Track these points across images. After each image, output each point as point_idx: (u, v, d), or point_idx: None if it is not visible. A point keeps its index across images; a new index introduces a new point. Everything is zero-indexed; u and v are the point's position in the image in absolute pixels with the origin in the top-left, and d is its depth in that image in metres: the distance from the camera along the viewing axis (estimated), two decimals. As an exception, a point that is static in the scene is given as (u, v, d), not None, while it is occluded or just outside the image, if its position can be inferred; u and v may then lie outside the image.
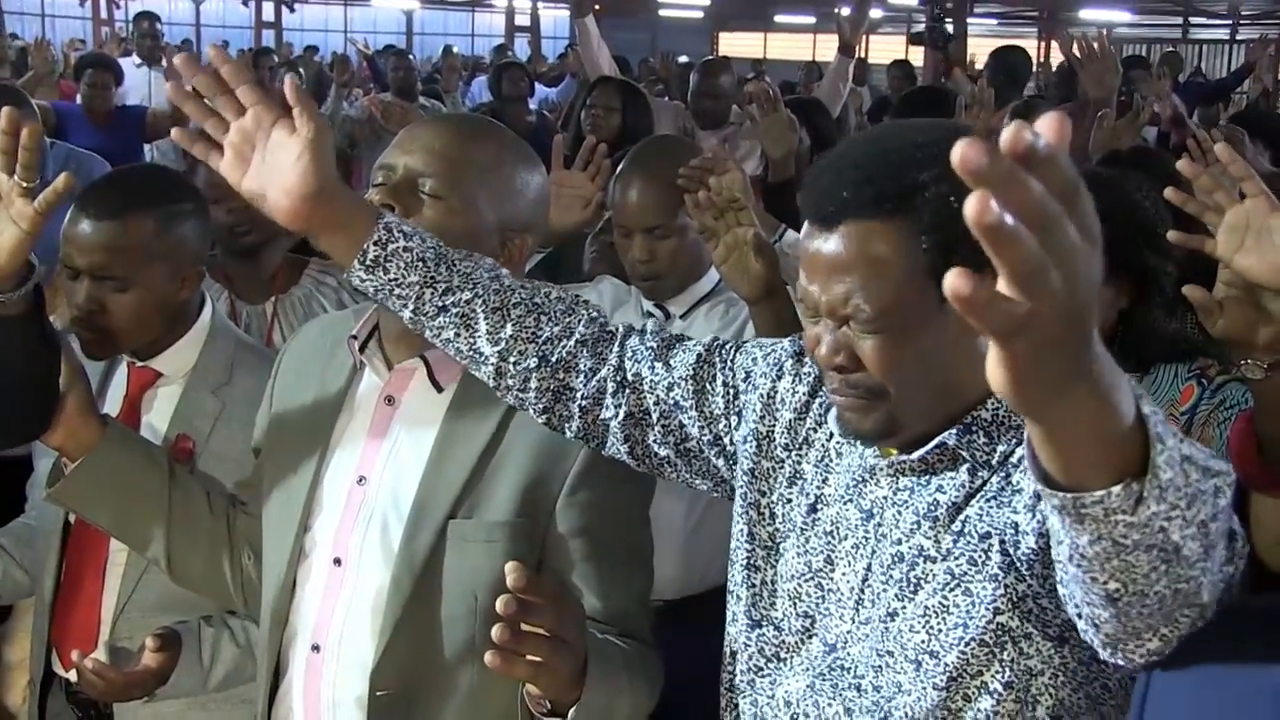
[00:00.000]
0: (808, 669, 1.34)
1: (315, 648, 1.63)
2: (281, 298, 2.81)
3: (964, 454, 1.25)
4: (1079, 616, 1.04)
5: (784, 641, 1.36)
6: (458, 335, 1.45)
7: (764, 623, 1.38)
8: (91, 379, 1.94)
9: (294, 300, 2.82)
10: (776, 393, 1.44)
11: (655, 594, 1.70)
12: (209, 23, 24.97)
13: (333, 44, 21.32)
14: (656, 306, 2.43)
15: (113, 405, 2.05)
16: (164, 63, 8.04)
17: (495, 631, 1.27)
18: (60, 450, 1.77)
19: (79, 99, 6.42)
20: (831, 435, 1.38)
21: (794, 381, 1.43)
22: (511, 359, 1.46)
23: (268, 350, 2.28)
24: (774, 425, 1.43)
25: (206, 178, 2.63)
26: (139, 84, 7.72)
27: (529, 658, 1.31)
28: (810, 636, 1.34)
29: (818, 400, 1.41)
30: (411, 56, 10.40)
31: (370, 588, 1.60)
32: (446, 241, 1.52)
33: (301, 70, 8.51)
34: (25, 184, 1.55)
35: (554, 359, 1.46)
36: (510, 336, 1.45)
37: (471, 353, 1.46)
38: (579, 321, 1.49)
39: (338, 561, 1.63)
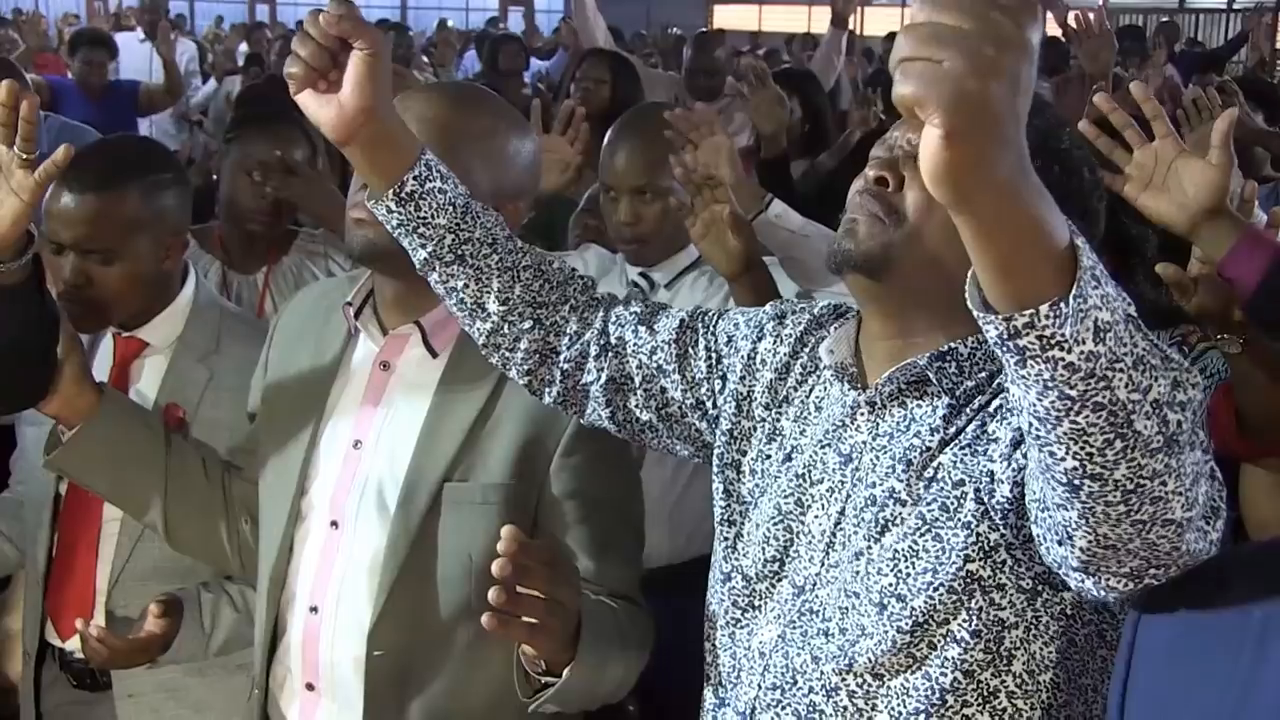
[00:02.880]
0: (779, 617, 1.35)
1: (313, 609, 1.66)
2: (273, 267, 2.85)
3: (932, 378, 1.28)
4: (1051, 535, 1.06)
5: (754, 589, 1.38)
6: (467, 286, 1.46)
7: (733, 574, 1.41)
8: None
9: (285, 270, 2.85)
10: (757, 354, 1.46)
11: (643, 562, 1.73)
12: (202, -3, 24.83)
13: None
14: (641, 275, 2.45)
15: (99, 376, 2.04)
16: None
17: (491, 594, 1.29)
18: (57, 418, 1.79)
19: (70, 74, 6.42)
20: (811, 391, 1.41)
21: (775, 343, 1.46)
22: (511, 318, 1.48)
23: (255, 318, 2.31)
24: (754, 385, 1.45)
25: (257, 158, 2.75)
26: (140, 59, 7.71)
27: (524, 620, 1.33)
28: (779, 580, 1.36)
29: (798, 361, 1.44)
30: (409, 30, 10.36)
31: (367, 550, 1.62)
32: None
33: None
34: (25, 155, 1.58)
35: (547, 323, 1.49)
36: (517, 298, 1.47)
37: (475, 306, 1.47)
38: (574, 289, 1.51)
39: (335, 524, 1.65)
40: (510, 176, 1.64)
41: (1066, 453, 0.96)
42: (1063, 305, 0.90)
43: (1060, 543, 1.06)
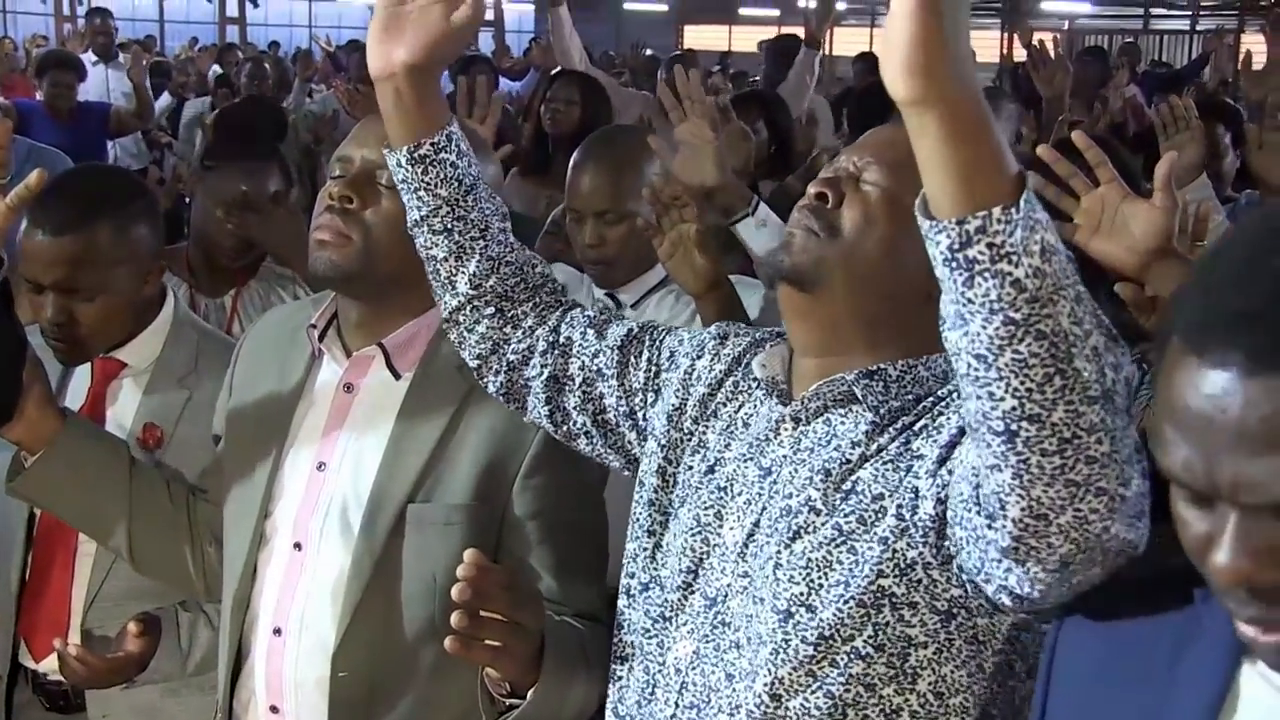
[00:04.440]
0: (693, 631, 1.36)
1: (277, 631, 1.66)
2: (241, 291, 2.86)
3: (858, 394, 1.30)
4: (980, 518, 1.07)
5: (667, 599, 1.39)
6: (445, 259, 1.51)
7: (651, 584, 1.42)
8: (53, 371, 1.95)
9: (253, 293, 2.86)
10: (694, 370, 1.48)
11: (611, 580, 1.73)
12: (173, 18, 24.76)
13: (297, 39, 21.18)
14: (608, 295, 2.46)
15: (76, 397, 2.05)
16: (120, 59, 8.01)
17: (454, 618, 1.30)
18: (20, 444, 1.79)
19: (38, 96, 6.41)
20: (741, 407, 1.43)
21: (712, 360, 1.48)
22: (476, 303, 1.52)
23: (232, 340, 2.30)
24: (686, 399, 1.47)
25: (226, 194, 2.75)
26: (96, 81, 7.69)
27: (487, 642, 1.34)
28: (692, 591, 1.37)
29: (732, 378, 1.46)
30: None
31: (330, 571, 1.62)
32: (404, 229, 1.56)
33: (268, 65, 8.45)
34: None
35: (508, 314, 1.53)
36: (489, 287, 1.52)
37: (448, 280, 1.52)
38: (545, 291, 1.56)
39: (298, 546, 1.65)
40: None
41: (1006, 389, 0.99)
42: (1013, 210, 0.95)
43: (991, 522, 1.06)
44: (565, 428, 1.54)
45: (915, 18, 0.95)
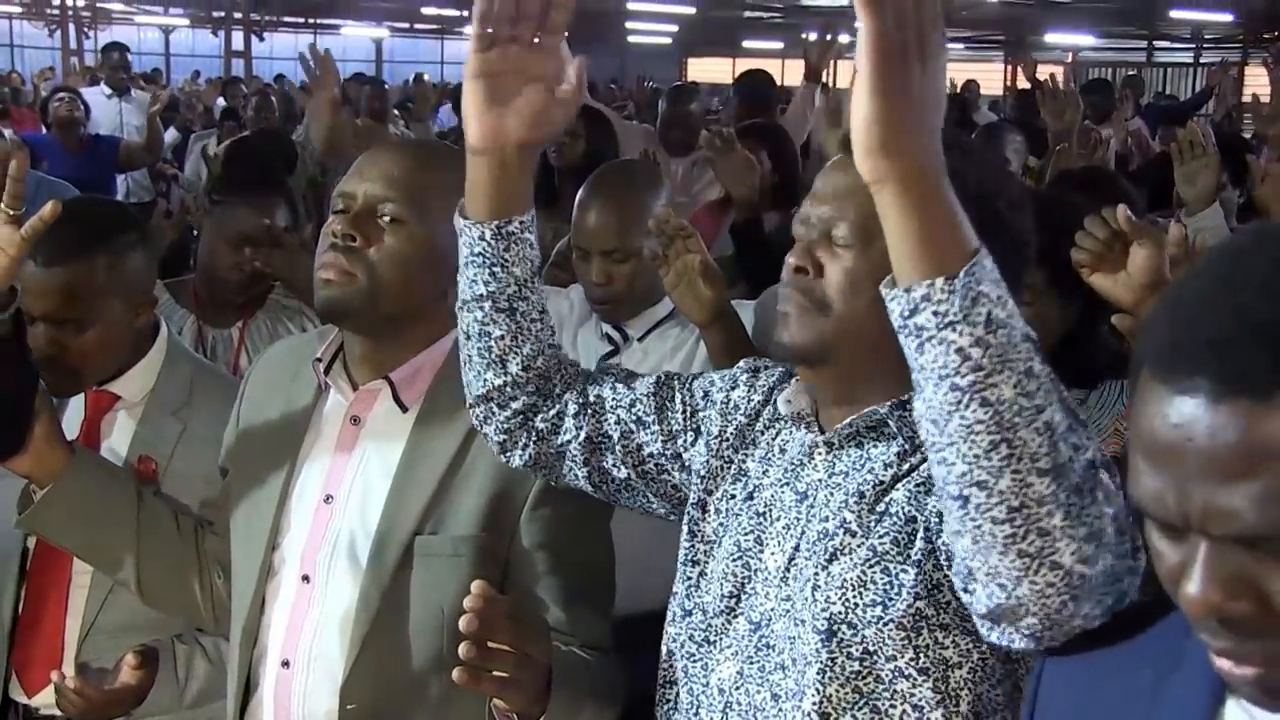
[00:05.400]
0: (736, 653, 1.38)
1: (285, 663, 1.66)
2: (248, 322, 2.87)
3: (892, 424, 1.32)
4: (959, 580, 1.10)
5: (710, 624, 1.41)
6: (502, 338, 1.49)
7: (694, 610, 1.43)
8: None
9: (260, 324, 2.88)
10: (730, 400, 1.50)
11: (618, 609, 1.74)
12: (178, 52, 24.95)
13: (302, 73, 21.31)
14: (615, 329, 2.47)
15: (70, 429, 2.01)
16: (133, 93, 8.10)
17: (462, 649, 1.31)
18: (28, 477, 1.79)
19: (47, 127, 6.48)
20: (777, 435, 1.45)
21: (748, 390, 1.50)
22: (520, 383, 1.50)
23: (225, 372, 2.32)
24: (725, 428, 1.49)
25: (238, 229, 2.78)
26: (109, 114, 7.76)
27: (495, 673, 1.35)
28: (735, 616, 1.39)
29: (769, 407, 1.48)
30: (385, 84, 10.41)
31: (339, 604, 1.63)
32: (408, 266, 1.59)
33: (274, 98, 8.52)
34: (11, 211, 1.60)
35: (543, 389, 1.52)
36: (538, 368, 1.50)
37: (498, 359, 1.49)
38: (569, 363, 1.56)
39: (306, 578, 1.66)
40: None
41: (956, 454, 1.02)
42: (955, 281, 1.00)
43: (965, 586, 1.10)
44: (606, 486, 1.54)
45: (869, 101, 0.99)
